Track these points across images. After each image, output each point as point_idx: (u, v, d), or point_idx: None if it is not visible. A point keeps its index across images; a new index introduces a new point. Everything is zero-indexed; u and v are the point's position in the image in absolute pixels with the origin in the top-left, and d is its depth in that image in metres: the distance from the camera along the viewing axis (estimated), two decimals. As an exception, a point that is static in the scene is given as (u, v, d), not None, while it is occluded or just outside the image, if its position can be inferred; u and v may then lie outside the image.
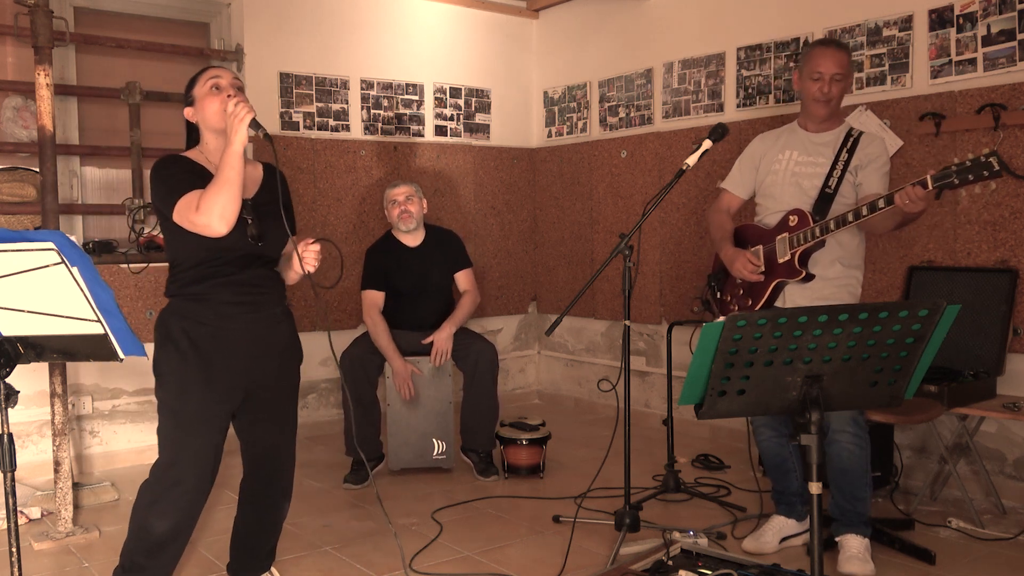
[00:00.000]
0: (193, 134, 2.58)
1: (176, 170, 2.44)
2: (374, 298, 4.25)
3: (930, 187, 2.60)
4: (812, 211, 2.99)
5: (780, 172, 3.12)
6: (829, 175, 3.01)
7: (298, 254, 2.47)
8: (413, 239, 4.32)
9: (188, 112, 2.54)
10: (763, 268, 3.08)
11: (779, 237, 3.05)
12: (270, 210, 2.51)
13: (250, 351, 2.49)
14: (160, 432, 2.46)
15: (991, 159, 2.48)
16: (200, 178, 2.41)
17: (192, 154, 2.53)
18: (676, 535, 3.07)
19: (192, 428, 2.43)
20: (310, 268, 2.50)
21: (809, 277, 2.99)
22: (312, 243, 2.51)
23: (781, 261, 3.04)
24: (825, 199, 2.99)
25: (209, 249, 2.41)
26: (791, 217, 3.03)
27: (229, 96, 2.43)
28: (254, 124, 2.38)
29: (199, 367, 2.42)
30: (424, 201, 4.34)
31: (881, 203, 2.73)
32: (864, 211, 2.78)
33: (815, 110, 3.07)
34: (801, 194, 3.05)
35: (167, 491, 2.42)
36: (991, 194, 3.66)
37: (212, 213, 2.29)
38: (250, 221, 2.46)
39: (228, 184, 2.30)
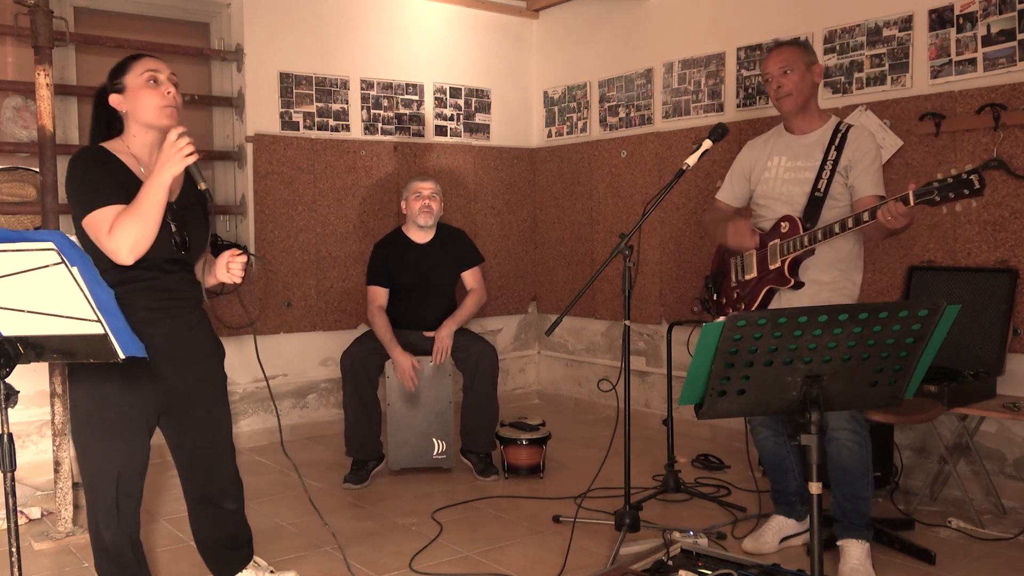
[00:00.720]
0: (104, 118, 2.45)
1: (97, 173, 2.32)
2: (376, 294, 4.26)
3: (912, 203, 2.59)
4: (803, 217, 2.99)
5: (771, 180, 3.12)
6: (818, 178, 3.00)
7: (227, 267, 2.43)
8: (423, 236, 4.32)
9: (115, 99, 2.40)
10: (757, 236, 3.09)
11: (771, 243, 3.05)
12: (192, 215, 2.45)
13: (170, 355, 2.42)
14: (78, 441, 2.39)
15: (972, 177, 2.47)
16: (123, 188, 2.31)
17: (115, 147, 2.41)
18: (676, 535, 3.07)
19: (113, 436, 2.36)
20: (235, 280, 2.45)
21: (798, 285, 3.00)
22: (238, 255, 2.45)
23: (772, 268, 3.04)
24: (815, 203, 2.99)
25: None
26: (783, 224, 3.03)
27: (170, 95, 2.36)
28: (194, 169, 2.29)
29: (119, 374, 2.33)
30: (442, 202, 4.35)
31: (865, 216, 2.73)
32: (849, 223, 2.78)
33: (781, 108, 3.08)
34: (791, 201, 3.05)
35: (104, 500, 2.38)
36: (991, 194, 3.66)
37: (123, 244, 2.22)
38: (174, 228, 2.39)
39: (146, 218, 2.23)
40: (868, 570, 2.89)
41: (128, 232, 2.22)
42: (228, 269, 2.47)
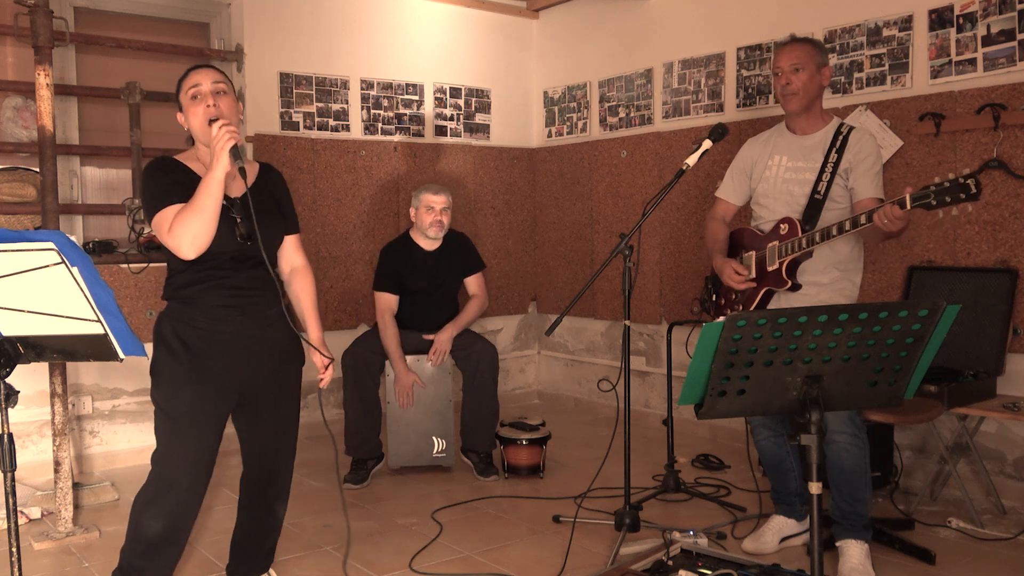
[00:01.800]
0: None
1: (162, 179, 2.40)
2: (388, 301, 4.21)
3: (908, 207, 2.59)
4: (802, 219, 2.99)
5: (771, 180, 3.12)
6: (818, 180, 3.00)
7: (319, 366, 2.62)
8: (431, 243, 4.31)
9: (180, 118, 2.50)
10: (752, 276, 3.08)
11: (769, 245, 3.05)
12: (263, 208, 2.47)
13: (242, 353, 2.47)
14: (156, 435, 2.46)
15: (969, 181, 2.46)
16: (188, 189, 2.36)
17: (187, 157, 2.50)
18: (676, 535, 3.07)
19: (184, 429, 2.41)
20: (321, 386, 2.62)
21: (796, 287, 3.00)
22: (328, 365, 2.62)
23: (770, 269, 3.04)
24: (814, 206, 2.99)
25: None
26: (782, 225, 3.03)
27: (210, 107, 2.39)
28: (235, 152, 2.33)
29: (190, 368, 2.40)
30: (451, 211, 4.34)
31: (863, 219, 2.73)
32: (847, 226, 2.77)
33: (786, 106, 3.08)
34: (792, 202, 3.05)
35: (160, 492, 2.41)
36: (991, 194, 3.66)
37: (183, 239, 2.28)
38: (239, 220, 2.42)
39: (202, 211, 2.28)
40: (868, 570, 2.89)
41: (186, 227, 2.28)
42: (322, 377, 2.63)
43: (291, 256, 2.70)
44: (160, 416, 2.44)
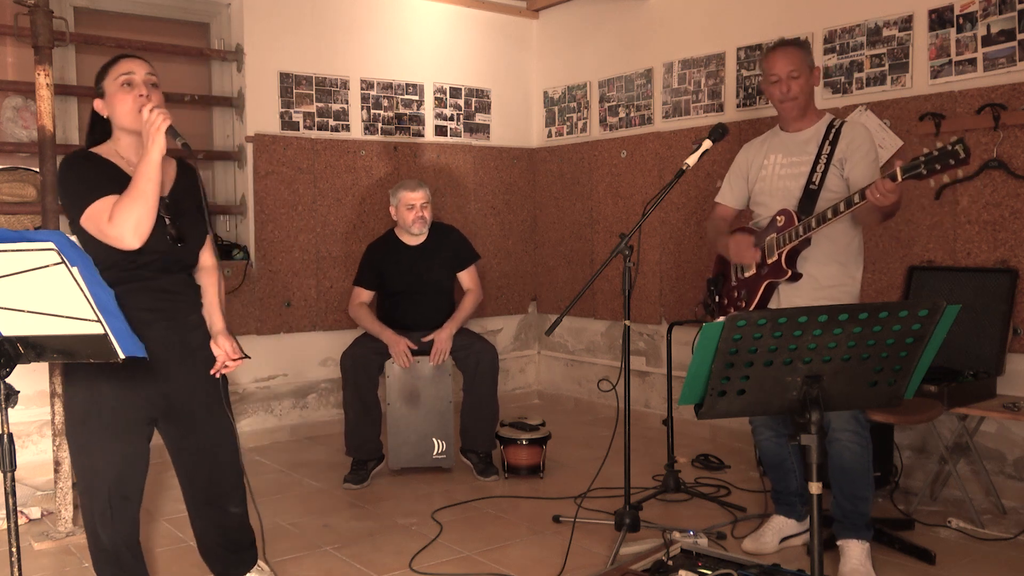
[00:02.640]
0: (100, 127, 2.46)
1: (88, 171, 2.33)
2: (358, 294, 4.33)
3: (899, 179, 2.60)
4: (798, 209, 3.00)
5: (767, 178, 3.14)
6: (812, 171, 3.01)
7: (222, 362, 2.46)
8: (415, 238, 4.32)
9: (98, 105, 2.41)
10: (757, 252, 3.08)
11: (768, 238, 3.05)
12: (186, 208, 2.43)
13: (166, 358, 2.40)
14: (72, 441, 2.38)
15: (957, 147, 2.48)
16: (114, 182, 2.31)
17: (104, 150, 2.41)
18: (676, 535, 3.07)
19: (107, 439, 2.35)
20: (224, 372, 2.48)
21: (796, 276, 2.99)
22: (236, 359, 2.47)
23: (770, 262, 3.04)
24: (810, 196, 2.99)
25: (125, 252, 2.29)
26: (778, 217, 3.04)
27: (142, 96, 2.34)
28: (171, 132, 2.29)
29: (111, 376, 2.32)
30: (432, 203, 4.35)
31: (856, 198, 2.73)
32: (841, 207, 2.78)
33: (784, 111, 3.09)
34: (788, 196, 3.06)
35: (100, 500, 2.38)
36: (991, 194, 3.66)
37: (126, 226, 2.21)
38: (168, 220, 2.37)
39: (143, 196, 2.22)
40: (868, 570, 2.89)
41: (128, 214, 2.22)
42: (221, 363, 2.48)
43: (203, 256, 2.60)
44: (78, 425, 2.36)
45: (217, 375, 2.49)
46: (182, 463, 2.59)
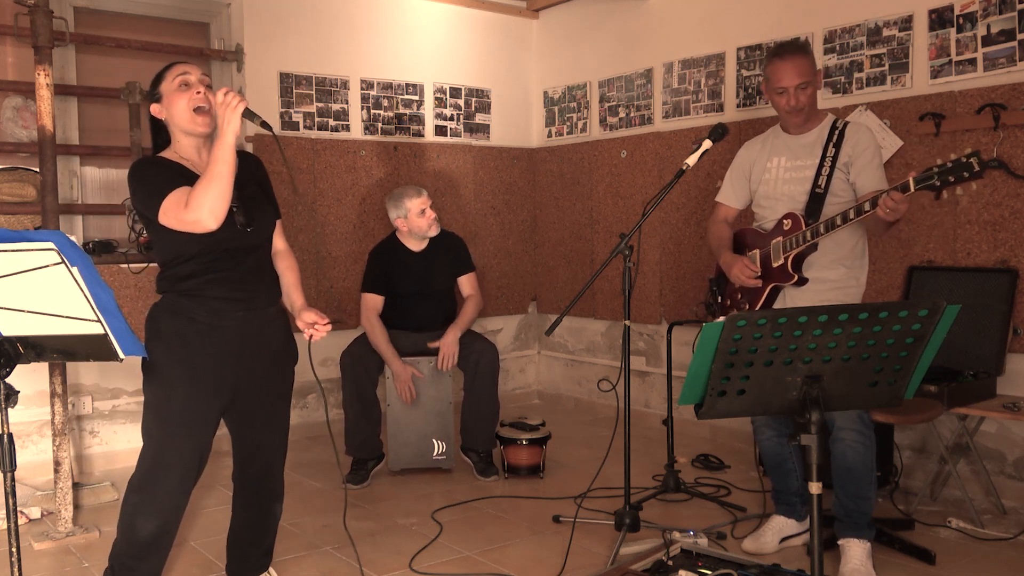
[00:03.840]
0: (161, 133, 2.50)
1: (157, 170, 2.38)
2: (373, 302, 4.24)
3: (912, 190, 2.59)
4: (804, 213, 2.99)
5: (771, 182, 3.12)
6: (817, 174, 3.00)
7: (309, 329, 2.44)
8: (419, 244, 4.31)
9: (155, 109, 2.45)
10: (759, 272, 3.08)
11: (773, 241, 3.05)
12: (252, 194, 2.46)
13: (240, 350, 2.45)
14: (144, 430, 2.42)
15: (972, 159, 2.46)
16: (182, 177, 2.36)
17: (168, 155, 2.46)
18: (676, 535, 3.07)
19: (176, 428, 2.39)
20: (314, 340, 2.46)
21: (802, 281, 2.99)
22: (326, 324, 2.45)
23: (775, 265, 3.04)
24: (816, 199, 2.99)
25: (201, 243, 2.34)
26: (785, 221, 3.03)
27: (199, 94, 2.38)
28: (248, 114, 2.32)
29: (186, 365, 2.38)
30: None
31: (866, 206, 2.72)
32: (851, 214, 2.77)
33: (790, 120, 3.07)
34: (793, 200, 3.05)
35: (152, 492, 2.40)
36: (991, 194, 3.66)
37: (202, 208, 2.23)
38: (235, 208, 2.40)
39: (219, 178, 2.25)
40: (869, 570, 2.89)
41: (204, 197, 2.24)
42: (311, 332, 2.45)
43: (276, 241, 2.65)
44: (151, 414, 2.41)
45: (311, 339, 2.46)
46: (238, 452, 2.64)
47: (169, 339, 2.38)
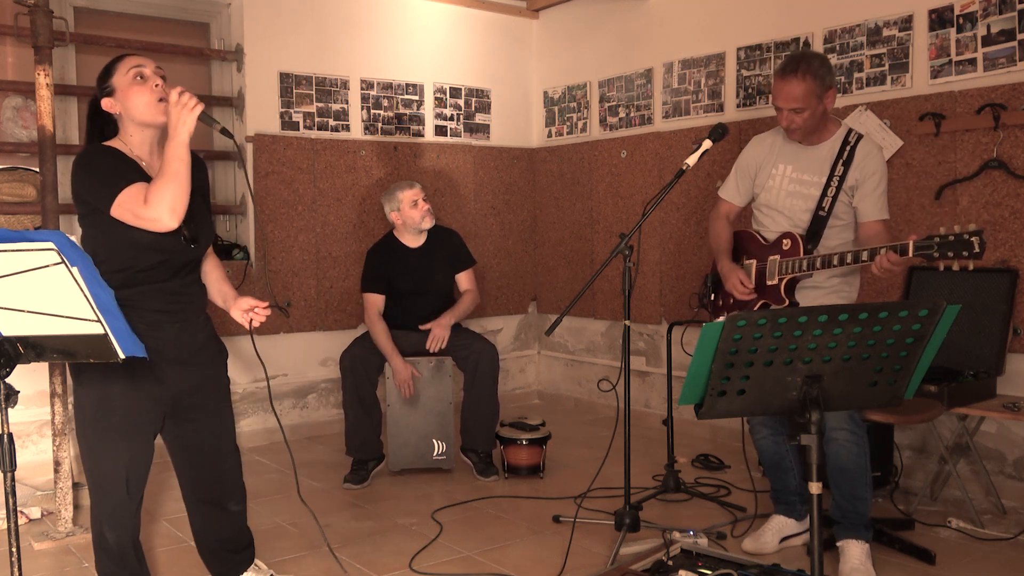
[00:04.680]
0: (99, 124, 2.44)
1: (112, 161, 2.32)
2: (375, 301, 4.24)
3: (910, 254, 2.58)
4: (805, 235, 2.99)
5: (774, 190, 3.10)
6: (823, 196, 2.99)
7: (247, 315, 2.44)
8: (416, 240, 4.32)
9: (107, 103, 2.38)
10: (753, 287, 3.09)
11: (771, 258, 3.05)
12: (195, 206, 2.41)
13: (176, 359, 2.42)
14: (82, 441, 2.38)
15: (973, 239, 2.44)
16: (135, 171, 2.32)
17: (116, 146, 2.39)
18: (676, 535, 3.07)
19: (117, 437, 2.36)
20: (254, 325, 2.46)
21: (793, 305, 3.00)
22: (265, 308, 2.45)
23: (770, 284, 3.04)
24: (818, 222, 2.99)
25: (139, 250, 2.30)
26: (785, 240, 3.03)
27: (158, 87, 2.34)
28: (206, 119, 2.30)
29: (123, 378, 2.32)
30: None
31: (864, 256, 2.72)
32: (848, 259, 2.78)
33: (789, 136, 3.06)
34: (794, 216, 3.05)
35: (110, 501, 2.39)
36: (991, 194, 3.66)
37: (162, 207, 2.20)
38: (183, 222, 2.35)
39: (177, 176, 2.22)
40: (868, 570, 2.89)
41: (164, 195, 2.21)
42: (249, 316, 2.45)
43: None
44: (88, 426, 2.36)
45: (252, 324, 2.46)
46: (186, 461, 2.59)
47: None
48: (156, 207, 2.21)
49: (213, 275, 2.60)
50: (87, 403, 2.36)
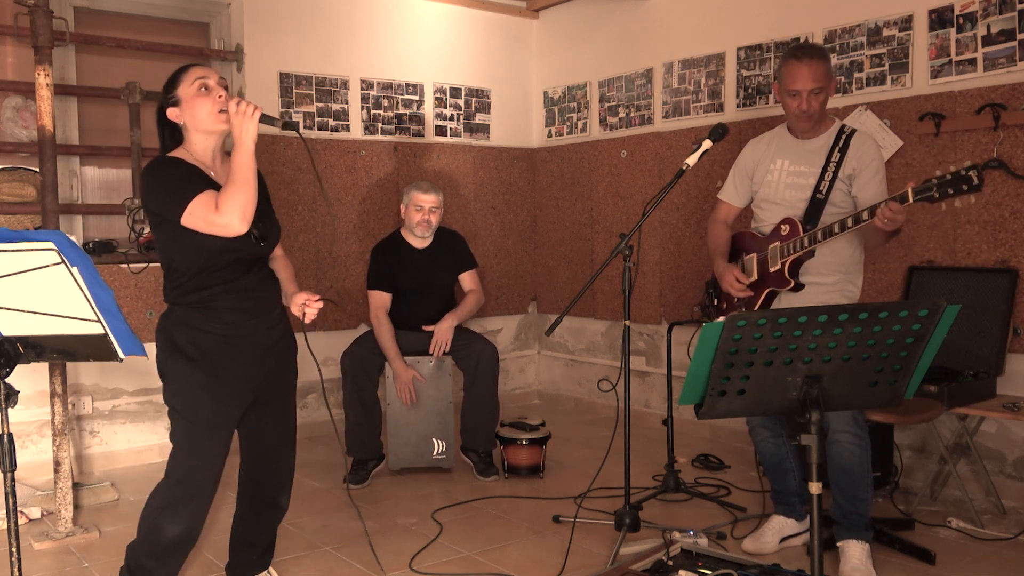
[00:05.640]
0: (170, 135, 2.51)
1: (179, 171, 2.40)
2: (381, 299, 4.24)
3: (910, 200, 2.59)
4: (803, 219, 2.99)
5: (773, 184, 3.12)
6: (820, 180, 2.99)
7: (302, 308, 2.51)
8: (421, 240, 4.32)
9: (172, 113, 2.45)
10: (749, 282, 3.09)
11: (771, 246, 3.05)
12: (262, 208, 2.48)
13: (256, 356, 2.50)
14: (175, 440, 2.46)
15: (971, 172, 2.47)
16: (202, 179, 2.39)
17: (182, 156, 2.47)
18: (676, 535, 3.07)
19: (206, 436, 2.44)
20: (308, 319, 2.52)
21: (799, 287, 3.00)
22: (317, 300, 2.51)
23: (772, 270, 3.04)
24: (816, 205, 2.98)
25: (210, 253, 2.38)
26: (783, 226, 3.03)
27: (221, 97, 2.41)
28: (266, 119, 2.38)
29: (209, 375, 2.41)
30: (442, 211, 4.34)
31: (864, 215, 2.73)
32: (849, 222, 2.78)
33: (798, 125, 3.05)
34: (793, 206, 3.05)
35: (183, 498, 2.43)
36: (991, 194, 3.66)
37: (233, 213, 2.28)
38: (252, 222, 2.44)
39: (246, 184, 2.31)
40: (869, 569, 2.89)
41: (234, 201, 2.29)
42: (303, 310, 2.52)
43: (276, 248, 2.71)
44: (180, 423, 2.44)
45: (305, 319, 2.53)
46: (248, 449, 2.67)
47: (187, 351, 2.41)
48: (227, 213, 2.28)
49: (281, 276, 2.66)
50: (178, 404, 2.44)
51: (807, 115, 2.98)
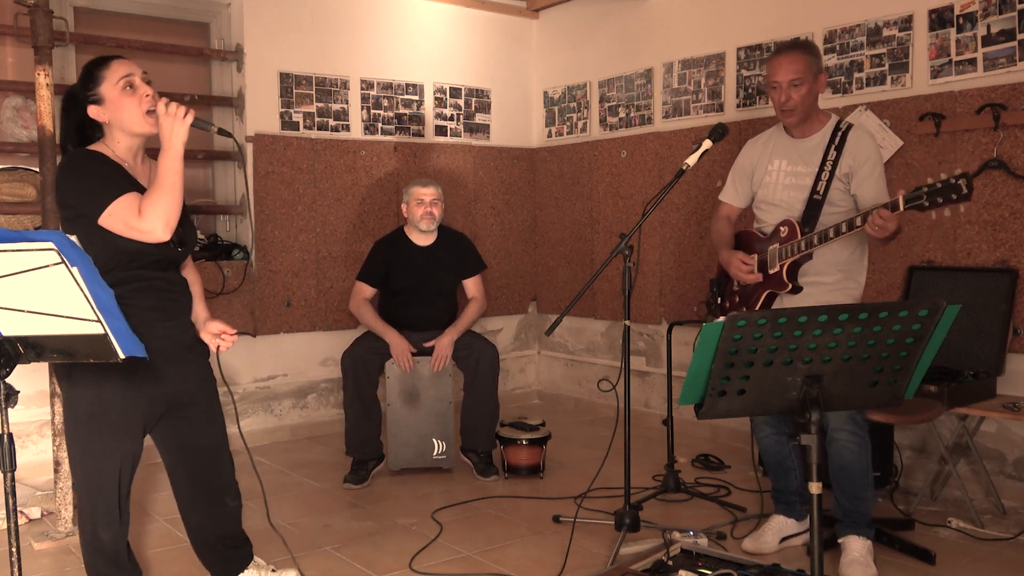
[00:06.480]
0: (78, 130, 2.40)
1: (102, 169, 2.31)
2: (362, 290, 4.29)
3: (901, 208, 2.61)
4: (801, 220, 2.99)
5: (771, 185, 3.12)
6: (816, 180, 2.99)
7: (215, 340, 2.49)
8: (425, 239, 4.32)
9: (94, 111, 2.35)
10: (756, 268, 3.09)
11: (771, 248, 3.06)
12: (183, 212, 2.41)
13: (169, 357, 2.42)
14: (77, 443, 2.37)
15: (960, 181, 2.49)
16: (125, 179, 2.32)
17: (101, 150, 2.37)
18: (676, 535, 3.07)
19: (112, 435, 2.35)
20: (222, 350, 2.49)
21: (797, 289, 3.00)
22: (232, 334, 2.49)
23: (772, 272, 3.05)
24: (814, 206, 2.98)
25: (127, 253, 2.30)
26: (782, 228, 3.04)
27: (149, 96, 2.33)
28: (198, 123, 2.30)
29: (116, 376, 2.32)
30: (443, 205, 4.35)
31: (858, 221, 2.74)
32: (843, 227, 2.79)
33: (784, 120, 3.06)
34: (791, 207, 3.05)
35: (105, 501, 2.38)
36: (991, 194, 3.66)
37: (157, 219, 2.22)
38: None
39: (172, 190, 2.24)
40: (868, 562, 2.90)
41: (159, 208, 2.23)
42: (217, 342, 2.50)
43: None
44: (82, 425, 2.35)
45: (219, 351, 2.51)
46: (182, 460, 2.59)
47: None
48: (151, 219, 2.22)
49: (194, 289, 2.61)
50: (81, 403, 2.35)
51: (788, 109, 2.98)
